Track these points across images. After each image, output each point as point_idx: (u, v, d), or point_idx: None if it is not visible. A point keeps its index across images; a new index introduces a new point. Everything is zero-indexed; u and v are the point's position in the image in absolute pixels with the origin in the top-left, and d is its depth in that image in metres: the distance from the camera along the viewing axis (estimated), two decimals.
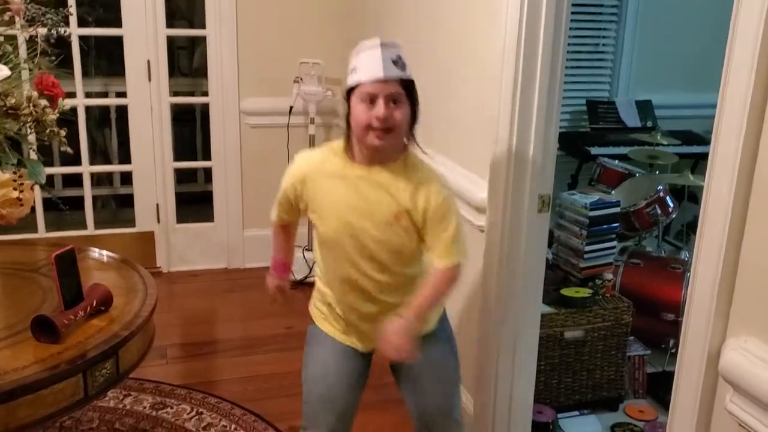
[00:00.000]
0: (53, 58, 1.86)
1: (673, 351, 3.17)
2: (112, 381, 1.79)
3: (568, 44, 2.31)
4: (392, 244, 1.91)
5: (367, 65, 1.81)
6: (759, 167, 1.37)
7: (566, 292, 2.96)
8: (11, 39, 1.83)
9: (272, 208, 2.18)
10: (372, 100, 1.80)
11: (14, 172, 1.74)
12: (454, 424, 2.13)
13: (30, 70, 1.82)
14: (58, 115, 1.77)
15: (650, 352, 3.17)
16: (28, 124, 1.69)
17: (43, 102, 1.72)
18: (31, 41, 1.81)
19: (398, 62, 1.82)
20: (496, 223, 2.39)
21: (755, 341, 1.39)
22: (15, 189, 1.72)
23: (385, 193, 1.89)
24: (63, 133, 1.75)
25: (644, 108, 4.81)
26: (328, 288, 2.10)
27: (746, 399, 1.39)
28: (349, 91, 1.86)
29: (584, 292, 2.95)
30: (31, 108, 1.67)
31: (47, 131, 1.72)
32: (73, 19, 3.66)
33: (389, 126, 1.81)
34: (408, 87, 1.84)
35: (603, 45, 4.89)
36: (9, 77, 1.70)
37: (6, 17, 1.80)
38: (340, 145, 1.94)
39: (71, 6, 2.02)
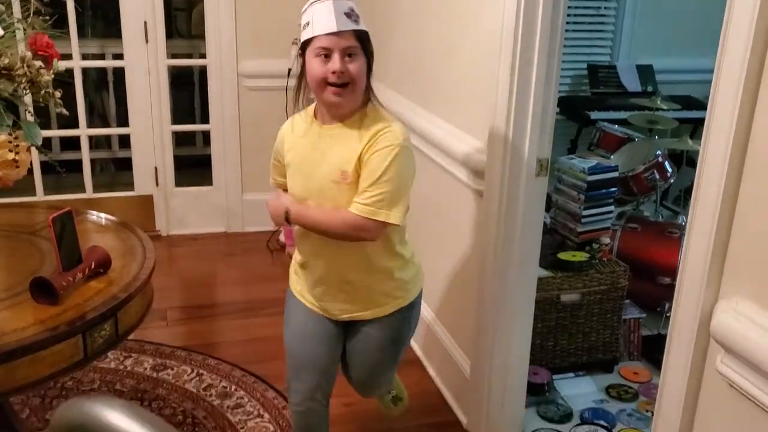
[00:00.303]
0: (47, 18, 1.84)
1: (669, 314, 3.17)
2: (111, 342, 1.80)
3: (570, 8, 2.30)
4: (343, 205, 1.85)
5: (320, 19, 1.78)
6: (754, 132, 1.37)
7: (563, 256, 2.97)
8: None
9: (270, 172, 2.21)
10: (327, 54, 1.78)
11: (10, 134, 1.74)
12: (375, 396, 2.33)
13: (24, 30, 1.80)
14: (53, 76, 1.76)
15: (646, 316, 3.20)
16: (22, 86, 1.68)
17: (38, 63, 1.72)
18: (25, 0, 1.80)
19: (351, 14, 1.80)
20: (494, 187, 2.39)
21: (746, 303, 1.40)
22: (11, 151, 1.72)
23: (337, 149, 1.87)
24: (58, 94, 1.75)
25: (645, 72, 4.78)
26: (298, 250, 2.10)
27: (736, 360, 1.40)
28: (303, 48, 1.84)
29: (581, 256, 2.97)
30: (26, 69, 1.66)
31: (42, 92, 1.71)
32: None
33: (346, 80, 1.79)
34: (362, 39, 1.82)
35: (604, 9, 4.83)
36: (2, 37, 1.68)
37: None
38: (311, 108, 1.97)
39: None
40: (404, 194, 1.87)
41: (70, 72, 3.70)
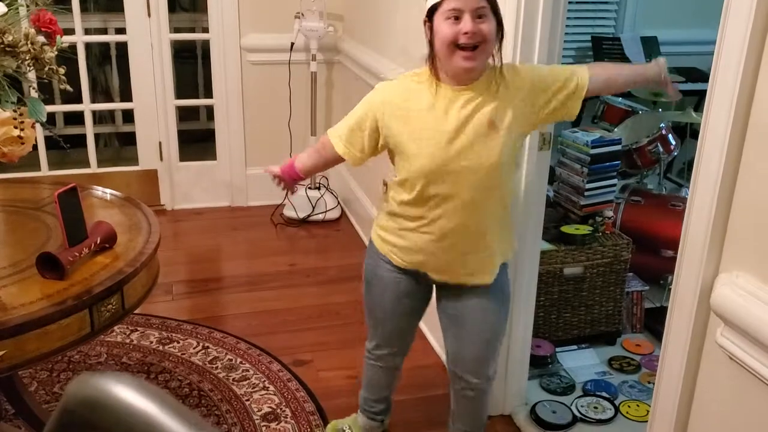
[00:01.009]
0: None
1: (671, 287, 3.21)
2: (117, 316, 1.82)
3: None
4: (488, 156, 1.84)
5: None
6: (756, 105, 1.37)
7: (566, 229, 2.98)
8: None
9: (336, 141, 2.03)
10: (457, 16, 1.76)
11: (15, 111, 1.74)
12: (485, 382, 2.14)
13: (27, 6, 1.80)
14: (56, 52, 1.76)
15: (648, 288, 3.22)
16: (26, 62, 1.69)
17: (41, 39, 1.72)
18: None
19: None
20: None
21: (746, 276, 1.41)
22: (16, 127, 1.73)
23: (474, 106, 1.84)
24: (62, 70, 1.75)
25: (650, 44, 4.74)
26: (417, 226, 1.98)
27: (736, 332, 1.42)
28: (431, 13, 1.81)
29: (584, 230, 2.98)
30: (29, 46, 1.66)
31: (46, 69, 1.71)
32: None
33: (477, 41, 1.76)
34: (492, 1, 1.79)
35: None
36: (6, 14, 1.68)
37: None
38: (425, 72, 1.90)
39: None
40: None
41: (73, 47, 3.69)
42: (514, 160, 1.95)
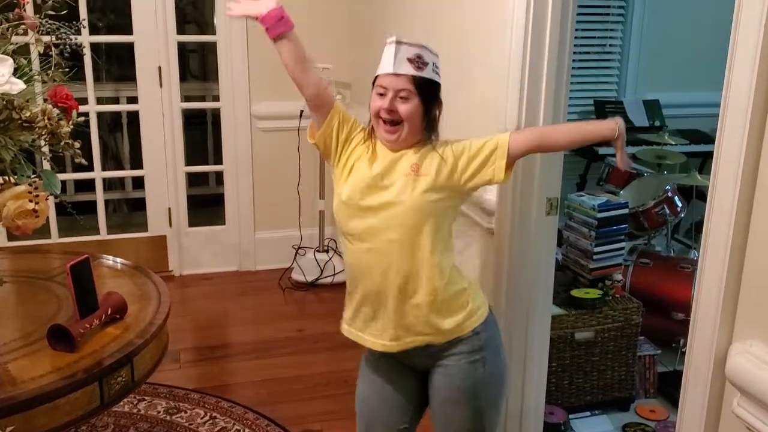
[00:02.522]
0: (67, 69, 1.88)
1: (684, 350, 3.16)
2: (127, 388, 1.82)
3: (576, 45, 2.33)
4: (410, 198, 1.86)
5: (384, 59, 1.90)
6: (762, 170, 1.38)
7: (576, 293, 2.97)
8: (25, 52, 1.86)
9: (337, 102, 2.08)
10: (383, 93, 1.88)
11: (30, 184, 1.77)
12: None
13: (44, 82, 1.85)
14: (72, 127, 1.80)
15: (660, 352, 3.18)
16: (43, 137, 1.72)
17: (55, 111, 1.75)
18: (45, 54, 1.84)
19: (415, 60, 1.87)
20: (504, 226, 2.41)
21: (761, 345, 1.40)
22: (30, 201, 1.75)
23: (406, 158, 1.91)
24: (77, 144, 1.78)
25: (652, 107, 4.81)
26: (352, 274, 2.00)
27: (753, 403, 1.40)
28: (373, 84, 1.95)
29: (594, 293, 2.97)
30: (46, 121, 1.70)
31: (62, 143, 1.75)
32: (84, 29, 3.70)
33: (395, 119, 1.87)
34: (420, 85, 1.87)
35: (610, 45, 4.89)
36: (23, 91, 1.72)
37: (20, 31, 1.83)
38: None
39: (84, 19, 2.03)
40: None
41: (85, 115, 3.76)
42: (441, 226, 1.92)
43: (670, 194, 3.65)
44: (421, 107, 1.89)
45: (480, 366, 1.93)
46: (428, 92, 1.90)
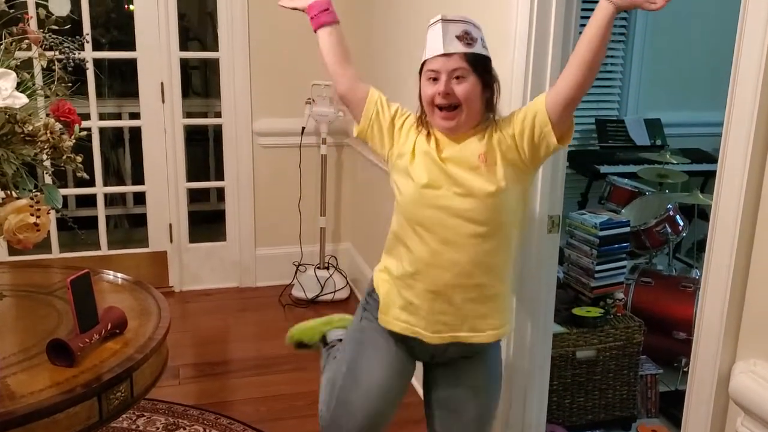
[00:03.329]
0: (70, 84, 1.89)
1: (686, 369, 3.14)
2: (126, 404, 1.80)
3: None
4: (480, 188, 1.79)
5: (430, 42, 1.82)
6: (765, 188, 1.38)
7: (578, 311, 2.96)
8: (29, 66, 1.87)
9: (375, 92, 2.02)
10: (435, 77, 1.79)
11: (31, 198, 1.77)
12: None
13: (47, 96, 1.85)
14: (74, 141, 1.80)
15: (662, 371, 3.17)
16: (45, 151, 1.72)
17: (58, 126, 1.76)
18: (48, 68, 1.85)
19: (464, 37, 1.79)
20: None
21: (764, 364, 1.39)
22: (32, 215, 1.75)
23: (469, 145, 1.84)
24: (79, 159, 1.78)
25: (653, 126, 4.82)
26: (409, 265, 1.90)
27: (757, 422, 1.39)
28: (420, 72, 1.86)
29: (596, 312, 2.95)
30: (48, 135, 1.70)
31: (64, 157, 1.75)
32: (87, 44, 3.72)
33: (453, 102, 1.77)
34: (474, 61, 1.79)
35: (612, 64, 4.91)
36: (26, 104, 1.73)
37: (24, 45, 1.84)
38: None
39: (87, 34, 2.04)
40: None
41: (87, 130, 3.77)
42: (516, 206, 1.87)
43: (671, 213, 3.65)
44: (479, 86, 1.80)
45: (500, 365, 2.05)
46: (483, 68, 1.81)
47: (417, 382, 2.36)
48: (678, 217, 3.68)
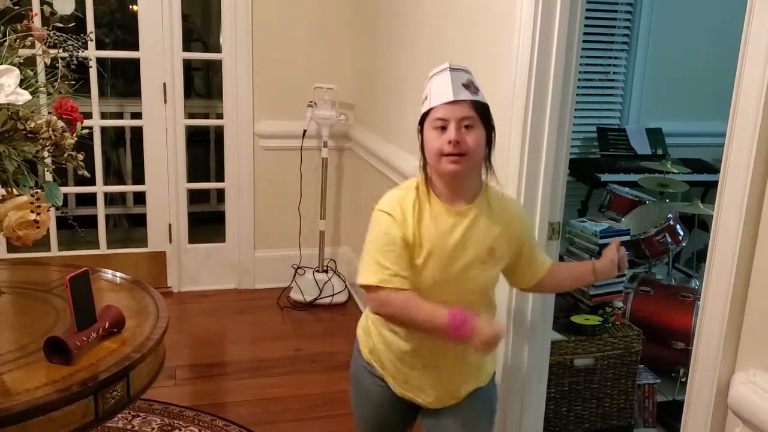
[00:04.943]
0: (73, 82, 1.89)
1: (684, 379, 3.16)
2: (122, 403, 1.79)
3: (580, 71, 2.34)
4: (485, 281, 1.88)
5: (437, 90, 1.76)
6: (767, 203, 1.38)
7: (576, 319, 2.95)
8: (32, 63, 1.87)
9: (376, 274, 1.76)
10: (444, 126, 1.74)
11: (32, 195, 1.77)
12: None
13: (50, 94, 1.85)
14: (76, 139, 1.80)
15: (660, 381, 3.16)
16: (46, 148, 1.72)
17: (60, 123, 1.76)
18: (52, 66, 1.85)
19: (469, 86, 1.77)
20: None
21: (764, 374, 1.39)
22: (32, 211, 1.74)
23: (482, 229, 1.82)
24: (81, 157, 1.78)
25: (655, 135, 4.82)
26: (403, 339, 1.91)
27: None
28: (422, 122, 1.81)
29: (594, 320, 2.95)
30: (50, 132, 1.70)
31: (65, 155, 1.75)
32: (91, 43, 3.73)
33: (462, 151, 1.73)
34: (481, 111, 1.78)
35: (614, 73, 4.91)
36: (29, 101, 1.73)
37: (28, 42, 1.84)
38: (423, 187, 1.84)
39: (91, 32, 2.04)
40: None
41: (88, 129, 3.77)
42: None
43: (672, 222, 3.65)
44: (484, 136, 1.78)
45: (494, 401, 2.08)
46: (487, 118, 1.80)
47: None
48: (678, 226, 3.68)
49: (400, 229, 1.78)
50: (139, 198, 4.75)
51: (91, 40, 2.22)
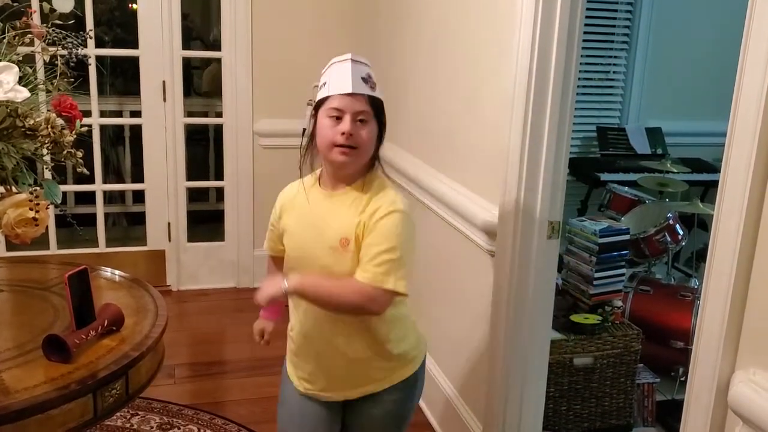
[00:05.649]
0: (72, 80, 1.88)
1: (683, 379, 3.16)
2: (121, 401, 1.79)
3: (580, 71, 2.33)
4: (338, 273, 1.79)
5: (336, 79, 1.77)
6: None
7: (576, 318, 2.95)
8: (31, 61, 1.86)
9: (265, 239, 2.10)
10: (339, 116, 1.75)
11: (31, 192, 1.76)
12: None
13: (49, 91, 1.85)
14: (75, 136, 1.79)
15: (659, 380, 3.16)
16: (45, 146, 1.72)
17: (60, 121, 1.75)
18: (51, 63, 1.85)
19: (368, 80, 1.79)
20: (505, 249, 2.40)
21: (764, 373, 1.38)
22: (31, 209, 1.74)
23: (338, 215, 1.81)
24: (80, 154, 1.78)
25: (654, 135, 4.82)
26: (293, 319, 2.04)
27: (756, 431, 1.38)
28: (317, 107, 1.82)
29: (594, 319, 2.95)
30: (49, 129, 1.69)
31: (64, 152, 1.74)
32: (90, 40, 3.72)
33: (353, 144, 1.75)
34: (376, 106, 1.79)
35: (614, 72, 4.91)
36: (28, 99, 1.72)
37: (27, 39, 1.84)
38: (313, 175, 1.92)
39: (90, 30, 2.04)
40: (409, 263, 1.78)
41: (87, 127, 3.77)
42: None
43: (671, 222, 3.65)
44: (376, 131, 1.81)
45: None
46: (381, 114, 1.82)
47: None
48: (678, 226, 3.68)
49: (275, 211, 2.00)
50: (138, 196, 4.75)
51: (91, 38, 2.21)
